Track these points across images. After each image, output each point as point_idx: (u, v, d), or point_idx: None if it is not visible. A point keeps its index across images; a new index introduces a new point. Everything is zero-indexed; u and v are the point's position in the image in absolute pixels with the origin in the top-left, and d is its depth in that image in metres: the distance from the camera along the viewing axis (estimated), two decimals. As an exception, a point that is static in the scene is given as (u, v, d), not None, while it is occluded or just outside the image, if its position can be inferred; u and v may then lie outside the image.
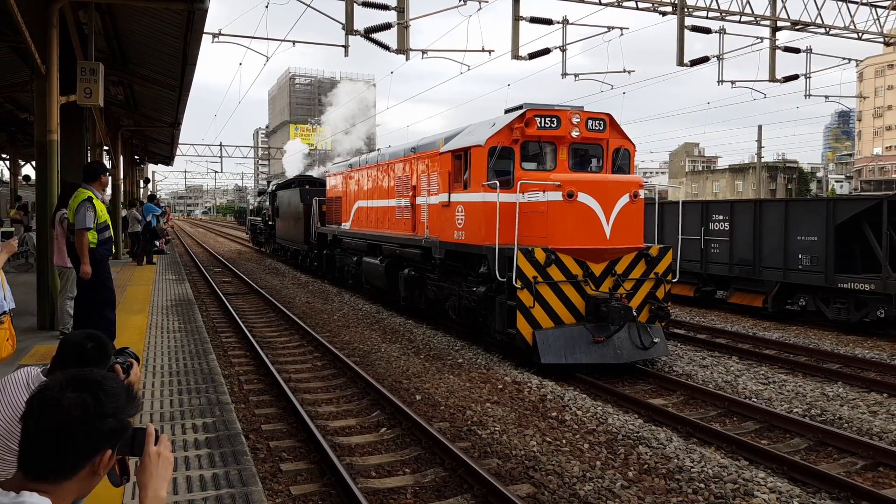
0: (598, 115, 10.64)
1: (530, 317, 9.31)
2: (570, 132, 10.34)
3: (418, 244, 12.72)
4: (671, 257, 10.17)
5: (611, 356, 9.37)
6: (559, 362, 9.23)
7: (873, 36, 20.30)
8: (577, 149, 10.72)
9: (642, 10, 17.30)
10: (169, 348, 7.97)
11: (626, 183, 9.84)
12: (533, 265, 9.28)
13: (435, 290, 12.43)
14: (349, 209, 18.36)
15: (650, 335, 9.57)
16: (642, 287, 9.91)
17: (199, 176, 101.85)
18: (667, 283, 10.06)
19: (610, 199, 9.53)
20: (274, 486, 5.57)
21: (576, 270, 9.49)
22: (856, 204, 13.92)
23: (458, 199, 11.14)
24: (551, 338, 9.27)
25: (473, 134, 11.14)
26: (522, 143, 10.37)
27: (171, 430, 4.97)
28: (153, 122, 22.06)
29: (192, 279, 20.33)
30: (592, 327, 9.36)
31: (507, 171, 10.32)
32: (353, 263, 17.29)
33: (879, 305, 12.31)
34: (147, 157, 35.99)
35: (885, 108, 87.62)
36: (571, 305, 9.52)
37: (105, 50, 13.14)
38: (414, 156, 13.70)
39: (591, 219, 9.45)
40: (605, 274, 9.65)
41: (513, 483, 5.70)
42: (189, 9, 9.40)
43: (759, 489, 5.45)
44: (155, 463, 1.68)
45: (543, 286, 9.32)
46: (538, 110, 10.37)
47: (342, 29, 14.65)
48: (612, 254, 9.65)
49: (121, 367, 2.58)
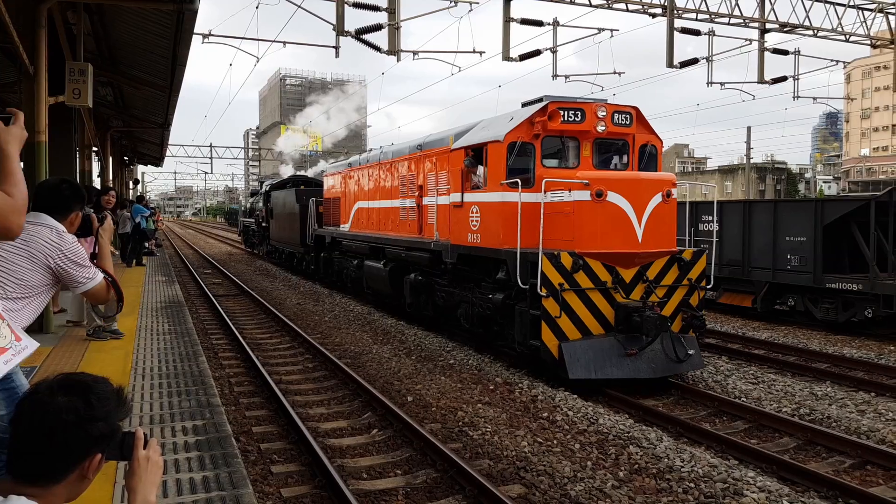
0: (624, 107, 9.91)
1: (556, 328, 8.56)
2: (596, 126, 9.60)
3: (426, 247, 11.99)
4: (705, 261, 9.42)
5: (645, 370, 8.57)
6: (588, 377, 8.42)
7: (860, 38, 20.48)
8: (602, 144, 10.01)
9: (632, 11, 17.39)
10: (158, 350, 7.93)
11: (659, 181, 9.11)
12: (559, 271, 8.53)
13: (444, 297, 11.73)
14: (348, 210, 17.66)
15: (684, 346, 8.74)
16: (675, 294, 9.16)
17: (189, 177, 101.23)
18: (700, 290, 9.30)
19: (642, 199, 8.79)
20: (265, 489, 5.56)
21: (605, 277, 8.74)
22: (844, 205, 14.05)
23: (473, 199, 10.40)
24: (579, 350, 8.49)
25: (489, 129, 10.38)
26: (544, 138, 9.65)
27: (161, 433, 4.95)
28: (142, 123, 21.95)
29: (183, 281, 20.23)
30: (624, 339, 8.58)
31: (526, 168, 9.60)
32: (354, 267, 16.60)
33: (867, 305, 12.41)
34: (136, 159, 35.82)
35: (872, 110, 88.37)
36: (600, 315, 8.76)
37: (94, 50, 13.07)
38: (420, 153, 12.96)
39: (622, 220, 8.71)
40: (635, 280, 8.91)
41: (504, 484, 5.71)
42: (178, 9, 9.35)
43: (748, 488, 5.49)
44: (144, 467, 1.68)
45: (570, 294, 8.57)
46: (561, 102, 9.63)
47: (333, 30, 14.66)
48: (644, 258, 8.92)
49: (96, 217, 2.80)
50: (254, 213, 33.03)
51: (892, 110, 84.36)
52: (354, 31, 14.79)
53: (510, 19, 16.18)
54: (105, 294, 2.81)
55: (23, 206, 2.13)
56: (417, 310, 12.98)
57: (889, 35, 21.13)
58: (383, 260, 14.27)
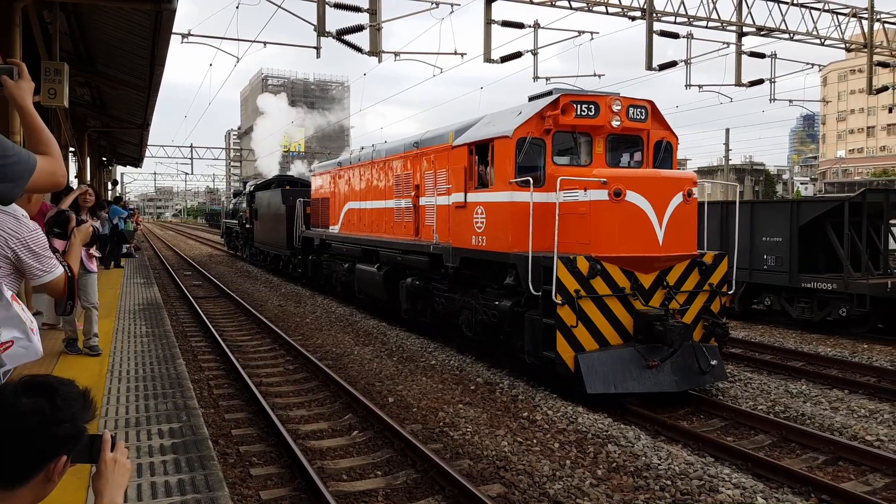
0: (639, 101, 9.35)
1: (572, 338, 7.96)
2: (610, 121, 9.02)
3: (425, 251, 11.36)
4: (727, 265, 8.88)
5: (668, 383, 8.00)
6: (608, 392, 7.85)
7: (835, 42, 20.82)
8: (615, 140, 9.45)
9: (612, 14, 17.53)
10: (135, 353, 7.86)
11: (680, 180, 8.62)
12: (575, 277, 7.96)
13: (444, 303, 11.07)
14: (338, 211, 16.95)
15: (707, 357, 8.24)
16: (696, 300, 8.64)
17: (169, 178, 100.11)
18: (722, 296, 8.82)
19: (662, 199, 8.26)
20: (243, 491, 5.53)
21: (623, 282, 8.17)
22: (819, 206, 14.27)
23: (478, 200, 9.76)
24: (597, 362, 7.91)
25: (495, 124, 9.74)
26: (555, 133, 9.07)
27: (136, 436, 4.91)
28: (121, 124, 21.71)
29: (162, 283, 20.06)
30: (644, 349, 8.01)
31: (535, 166, 9.01)
32: (344, 271, 15.84)
33: (841, 304, 12.61)
34: (115, 159, 35.41)
35: (847, 112, 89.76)
36: (618, 323, 8.19)
37: (70, 50, 12.91)
38: (417, 151, 12.29)
39: (642, 221, 8.18)
40: (655, 286, 8.36)
41: (484, 483, 5.73)
42: (157, 9, 9.27)
43: (723, 485, 5.56)
44: (111, 470, 1.67)
45: (586, 301, 7.99)
46: (573, 95, 9.10)
47: (314, 30, 14.61)
48: (665, 262, 8.39)
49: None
50: (237, 214, 32.13)
51: (867, 113, 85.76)
52: (336, 31, 14.75)
53: (491, 21, 16.24)
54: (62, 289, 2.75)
55: (60, 157, 2.21)
56: (414, 316, 12.34)
57: (863, 39, 21.49)
58: (377, 263, 13.64)
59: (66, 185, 3.31)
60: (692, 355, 8.14)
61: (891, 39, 23.00)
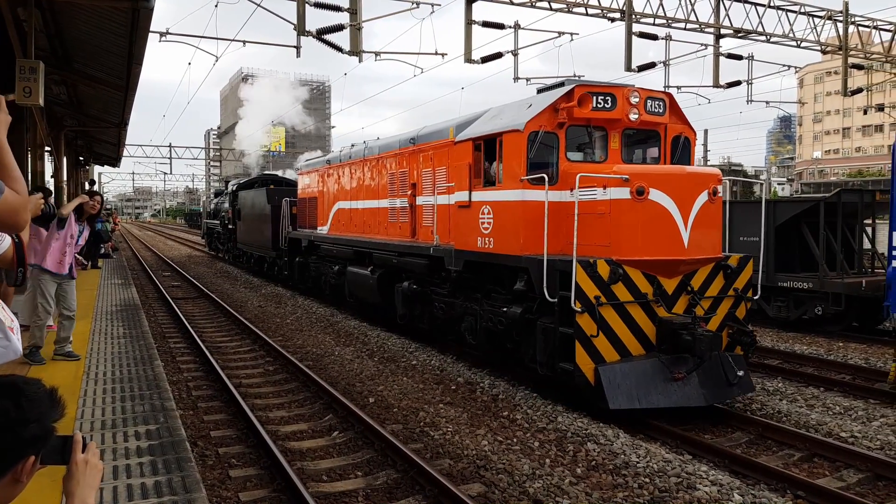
0: (657, 93, 8.79)
1: (592, 349, 7.34)
2: (628, 114, 8.43)
3: (424, 253, 10.70)
4: (751, 269, 8.36)
5: (696, 397, 7.41)
6: (632, 407, 7.28)
7: (811, 44, 21.12)
8: (631, 135, 8.86)
9: (592, 16, 17.64)
10: (112, 354, 7.77)
11: (705, 177, 8.00)
12: (595, 282, 7.34)
13: (445, 309, 10.44)
14: (327, 211, 16.24)
15: (734, 367, 7.67)
16: (720, 306, 8.09)
17: (147, 178, 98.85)
18: (747, 301, 8.26)
19: (688, 198, 7.67)
20: (222, 493, 5.49)
21: (645, 288, 7.59)
22: (795, 206, 14.48)
23: (484, 199, 9.15)
24: (619, 375, 7.31)
25: (502, 117, 9.12)
26: (569, 127, 8.47)
27: (113, 438, 4.86)
28: (98, 123, 21.44)
29: (140, 284, 19.85)
30: (668, 360, 7.44)
31: (546, 162, 8.41)
32: (334, 273, 15.09)
33: (817, 303, 12.80)
34: (92, 159, 34.94)
35: (823, 114, 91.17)
36: (640, 332, 7.59)
37: (46, 48, 12.73)
38: (413, 148, 11.63)
39: (666, 222, 7.58)
40: (678, 291, 7.80)
41: (464, 483, 5.75)
42: (134, 7, 9.18)
43: (701, 482, 5.62)
44: (82, 471, 1.65)
45: (607, 308, 7.38)
46: (589, 86, 8.48)
47: (294, 30, 14.54)
48: (690, 266, 7.81)
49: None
50: (219, 214, 31.30)
51: (842, 114, 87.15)
52: (316, 31, 14.69)
53: (472, 21, 16.26)
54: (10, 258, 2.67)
55: (27, 199, 2.13)
56: (411, 322, 11.69)
57: (838, 41, 21.84)
58: (370, 266, 12.93)
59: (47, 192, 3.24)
60: (719, 366, 7.59)
61: (865, 42, 23.41)
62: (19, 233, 2.25)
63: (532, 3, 16.94)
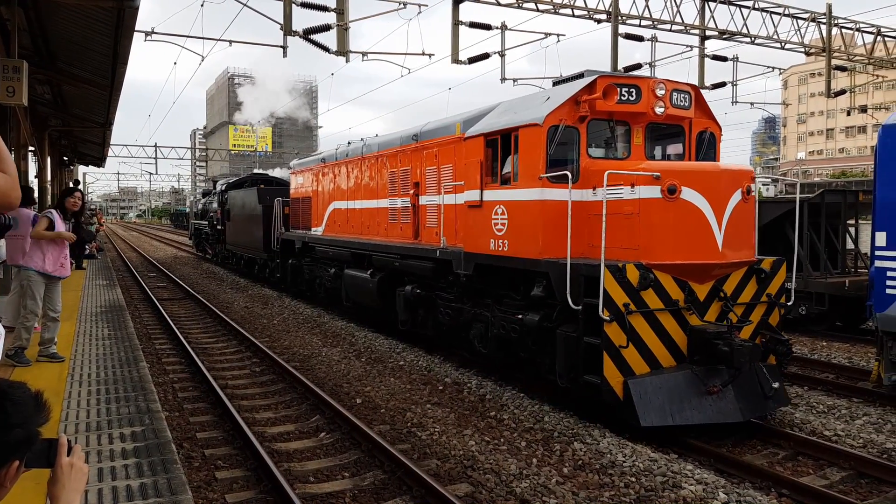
0: (683, 85, 8.29)
1: (621, 360, 6.83)
2: (654, 107, 7.90)
3: (430, 256, 10.13)
4: (785, 273, 7.89)
5: (732, 412, 6.90)
6: (665, 424, 6.73)
7: (795, 46, 21.35)
8: (654, 130, 8.32)
9: (578, 17, 17.73)
10: (97, 356, 7.71)
11: (739, 174, 7.47)
12: (624, 288, 6.85)
13: (451, 314, 9.87)
14: (322, 211, 15.67)
15: (769, 379, 7.15)
16: (753, 313, 7.60)
17: (133, 178, 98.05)
18: (780, 308, 7.79)
19: (722, 196, 7.14)
20: (208, 495, 5.47)
21: (676, 294, 7.07)
22: (778, 206, 14.59)
23: (498, 198, 8.60)
24: (650, 389, 6.79)
25: (518, 111, 8.57)
26: (590, 121, 7.94)
27: (98, 441, 4.82)
28: (83, 122, 21.26)
29: (125, 285, 19.70)
30: (702, 372, 6.93)
31: (566, 159, 7.88)
32: (330, 276, 14.54)
33: (801, 303, 12.91)
34: (77, 159, 34.65)
35: (808, 115, 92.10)
36: (671, 342, 7.08)
37: (30, 47, 12.61)
38: (416, 145, 11.11)
39: (699, 223, 7.07)
40: (710, 297, 7.29)
41: (451, 483, 5.75)
42: (119, 6, 9.12)
43: (686, 481, 5.67)
44: (67, 474, 1.65)
45: (636, 317, 6.88)
46: (612, 77, 8.02)
47: (280, 29, 14.50)
48: (723, 270, 7.32)
49: None
50: (207, 214, 30.59)
51: (826, 115, 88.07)
52: (302, 30, 14.67)
53: (459, 22, 16.30)
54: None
55: (17, 179, 2.25)
56: (414, 328, 11.16)
57: (822, 43, 22.08)
58: (370, 269, 12.36)
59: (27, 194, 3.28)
60: (754, 378, 7.09)
61: (848, 44, 23.68)
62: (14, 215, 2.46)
63: (519, 4, 16.99)
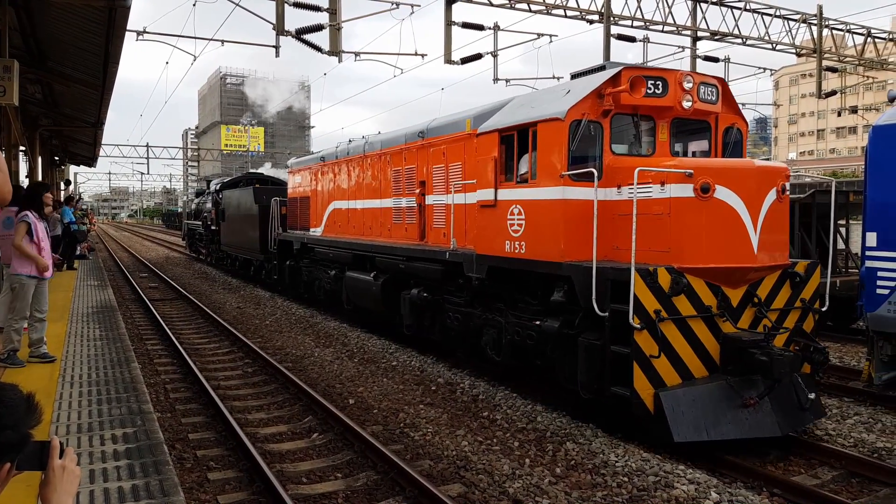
0: (710, 78, 7.86)
1: (652, 371, 6.38)
2: (681, 101, 7.44)
3: (439, 258, 9.65)
4: (819, 277, 7.42)
5: (769, 426, 6.48)
6: (699, 439, 6.30)
7: (786, 47, 21.47)
8: (679, 125, 7.86)
9: (571, 17, 17.76)
10: (88, 357, 7.67)
11: (774, 171, 7.05)
12: (655, 294, 6.40)
13: (461, 319, 9.46)
14: (321, 212, 15.24)
15: (805, 390, 6.70)
16: (787, 319, 7.17)
17: (124, 178, 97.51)
18: (815, 313, 7.33)
19: (757, 196, 6.70)
20: (200, 496, 5.45)
21: (709, 300, 6.62)
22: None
23: (514, 197, 8.08)
24: (683, 401, 6.35)
25: (536, 106, 8.07)
26: (614, 115, 7.48)
27: (89, 442, 4.80)
28: (74, 122, 21.17)
29: (117, 285, 19.61)
30: (737, 383, 6.50)
31: (587, 156, 7.40)
32: (330, 278, 14.09)
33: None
34: (68, 158, 34.46)
35: (799, 116, 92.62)
36: (703, 351, 6.63)
37: (20, 46, 12.55)
38: (422, 142, 10.66)
39: (734, 224, 6.63)
40: (743, 303, 6.86)
41: (444, 483, 5.76)
42: (110, 6, 9.10)
43: (678, 481, 5.69)
44: (59, 477, 1.64)
45: (667, 324, 6.43)
46: (638, 69, 7.59)
47: (273, 29, 14.47)
48: (758, 273, 6.88)
49: None
50: (201, 214, 30.05)
51: (817, 116, 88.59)
52: (295, 30, 14.64)
53: (451, 22, 16.31)
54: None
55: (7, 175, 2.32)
56: (420, 333, 10.75)
57: (813, 44, 22.21)
58: (373, 272, 11.86)
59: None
60: (791, 388, 6.66)
61: (839, 45, 23.83)
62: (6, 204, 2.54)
63: (511, 4, 17.02)
